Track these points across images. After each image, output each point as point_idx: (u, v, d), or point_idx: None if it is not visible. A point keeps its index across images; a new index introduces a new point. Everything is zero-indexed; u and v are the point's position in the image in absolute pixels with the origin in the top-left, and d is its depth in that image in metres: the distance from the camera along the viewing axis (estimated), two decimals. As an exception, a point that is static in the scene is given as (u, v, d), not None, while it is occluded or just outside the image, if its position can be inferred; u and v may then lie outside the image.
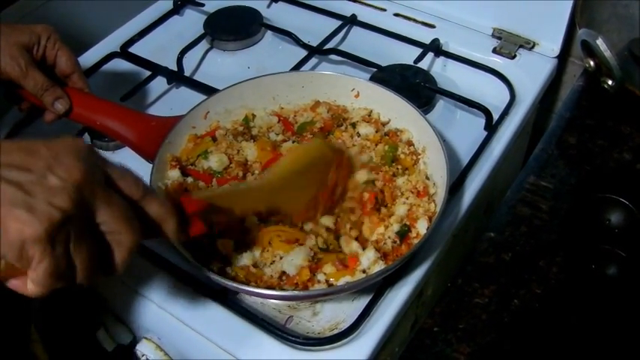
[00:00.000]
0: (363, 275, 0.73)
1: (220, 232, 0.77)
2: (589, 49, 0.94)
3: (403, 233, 0.77)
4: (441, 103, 1.03)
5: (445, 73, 1.09)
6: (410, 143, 0.89)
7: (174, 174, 0.84)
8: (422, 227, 0.77)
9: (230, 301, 0.78)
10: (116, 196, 0.54)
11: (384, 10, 1.19)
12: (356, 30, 1.17)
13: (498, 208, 0.87)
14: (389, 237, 0.77)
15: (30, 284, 0.51)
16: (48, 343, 0.81)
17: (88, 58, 1.11)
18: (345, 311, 0.78)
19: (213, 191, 0.77)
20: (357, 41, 1.15)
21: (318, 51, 1.10)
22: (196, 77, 1.10)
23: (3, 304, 0.74)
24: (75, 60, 0.89)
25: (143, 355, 0.81)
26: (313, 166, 0.78)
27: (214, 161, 0.85)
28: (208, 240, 0.77)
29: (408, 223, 0.78)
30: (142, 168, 0.83)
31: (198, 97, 0.98)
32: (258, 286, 0.73)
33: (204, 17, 1.19)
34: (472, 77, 1.05)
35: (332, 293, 0.75)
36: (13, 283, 0.52)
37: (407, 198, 0.81)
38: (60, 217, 0.49)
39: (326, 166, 0.78)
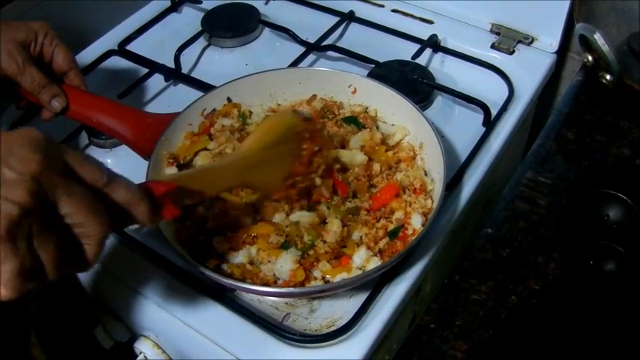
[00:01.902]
0: (360, 272, 0.73)
1: (214, 229, 0.77)
2: (587, 44, 0.93)
3: (394, 232, 0.77)
4: (439, 99, 1.03)
5: (443, 69, 1.08)
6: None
7: (171, 171, 0.83)
8: (416, 223, 0.77)
9: (227, 298, 0.78)
10: (78, 186, 0.51)
11: (382, 6, 1.19)
12: (354, 26, 1.17)
13: (496, 204, 0.87)
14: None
15: None
16: (46, 342, 0.81)
17: (86, 55, 1.12)
18: (342, 308, 0.78)
19: (184, 173, 0.74)
20: (355, 37, 1.14)
21: (315, 47, 1.10)
22: (194, 74, 1.10)
23: (4, 312, 0.73)
24: (72, 57, 0.89)
25: (141, 353, 0.81)
26: (285, 139, 0.74)
27: (200, 164, 0.85)
28: (205, 237, 0.77)
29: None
30: (138, 165, 0.84)
31: (195, 94, 0.98)
32: (254, 284, 0.73)
33: (202, 14, 1.19)
34: (470, 73, 1.05)
35: (328, 290, 0.75)
36: None
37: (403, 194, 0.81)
38: (18, 212, 0.46)
39: (299, 138, 0.75)
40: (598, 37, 0.89)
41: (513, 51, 1.08)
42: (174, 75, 1.08)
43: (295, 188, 0.76)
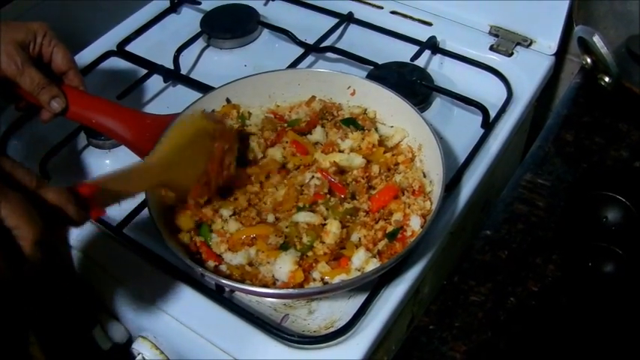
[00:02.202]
0: (359, 273, 0.73)
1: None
2: (586, 46, 0.93)
3: (393, 234, 0.77)
4: (438, 101, 1.03)
5: (442, 70, 1.08)
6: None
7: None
8: (415, 224, 0.77)
9: (225, 299, 0.78)
10: (11, 191, 0.53)
11: (381, 7, 1.19)
12: (353, 28, 1.17)
13: (495, 206, 0.87)
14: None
15: None
16: (45, 341, 0.81)
17: (85, 56, 1.12)
18: (341, 309, 0.78)
19: (106, 175, 0.76)
20: (354, 39, 1.15)
21: (314, 49, 1.10)
22: (193, 75, 1.10)
23: (3, 310, 0.73)
24: (70, 57, 0.89)
25: (139, 354, 0.81)
26: (197, 140, 0.79)
27: None
28: (202, 238, 0.77)
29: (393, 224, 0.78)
30: (137, 166, 0.84)
31: (194, 95, 0.98)
32: (253, 285, 0.73)
33: (201, 15, 1.19)
34: (469, 75, 1.05)
35: (327, 291, 0.75)
36: None
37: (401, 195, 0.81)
38: None
39: (210, 139, 0.80)
40: (597, 40, 0.89)
41: (512, 53, 1.08)
42: (173, 76, 1.08)
43: (210, 186, 0.78)
